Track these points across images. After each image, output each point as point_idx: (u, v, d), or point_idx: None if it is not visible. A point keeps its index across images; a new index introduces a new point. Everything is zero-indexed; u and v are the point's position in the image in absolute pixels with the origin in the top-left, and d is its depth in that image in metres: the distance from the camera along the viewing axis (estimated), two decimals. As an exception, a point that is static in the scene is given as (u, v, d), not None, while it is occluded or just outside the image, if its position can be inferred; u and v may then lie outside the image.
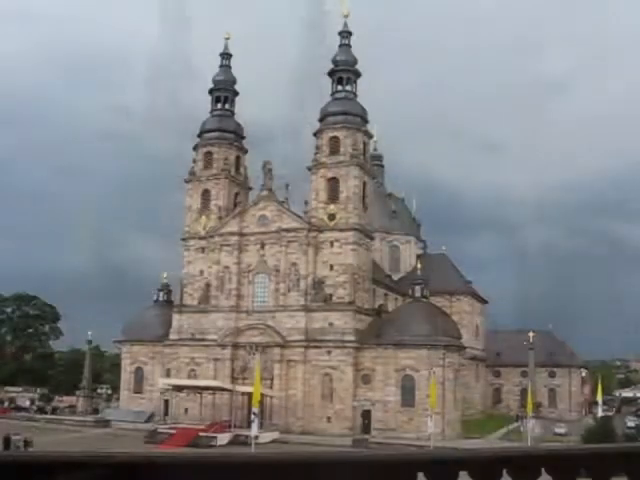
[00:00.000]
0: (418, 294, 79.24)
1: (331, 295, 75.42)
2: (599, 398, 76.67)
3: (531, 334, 75.03)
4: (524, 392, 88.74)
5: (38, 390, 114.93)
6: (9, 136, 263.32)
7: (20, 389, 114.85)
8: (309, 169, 79.28)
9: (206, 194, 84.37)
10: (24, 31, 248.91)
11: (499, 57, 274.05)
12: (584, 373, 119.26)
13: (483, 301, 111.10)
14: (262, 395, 61.08)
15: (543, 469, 3.47)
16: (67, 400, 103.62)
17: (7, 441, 53.19)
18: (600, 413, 69.42)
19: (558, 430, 78.15)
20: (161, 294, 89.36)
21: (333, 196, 77.36)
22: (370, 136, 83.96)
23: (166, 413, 78.86)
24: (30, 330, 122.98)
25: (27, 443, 53.28)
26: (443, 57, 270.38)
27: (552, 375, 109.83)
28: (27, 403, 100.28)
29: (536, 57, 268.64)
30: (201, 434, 64.57)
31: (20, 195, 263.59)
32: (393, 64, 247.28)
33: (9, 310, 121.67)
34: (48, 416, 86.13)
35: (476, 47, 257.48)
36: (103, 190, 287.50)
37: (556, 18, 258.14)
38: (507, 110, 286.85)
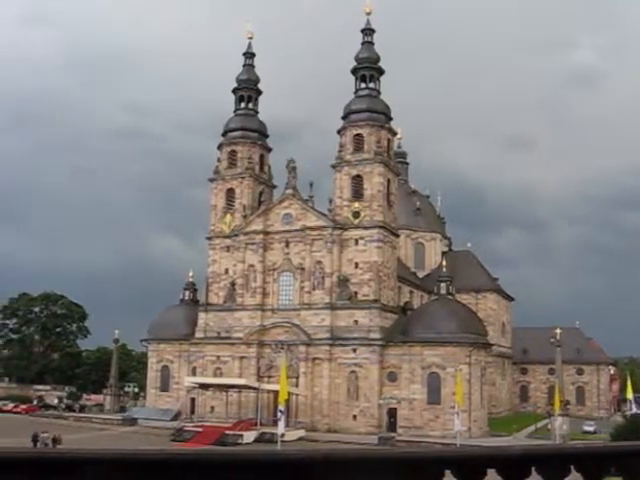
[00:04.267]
0: (444, 291, 78.98)
1: (356, 293, 75.34)
2: (629, 395, 75.67)
3: (558, 331, 74.20)
4: (551, 390, 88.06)
5: (66, 388, 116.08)
6: (30, 137, 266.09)
7: (48, 387, 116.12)
8: (333, 167, 79.18)
9: (231, 193, 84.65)
10: (41, 33, 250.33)
11: (526, 51, 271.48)
12: (612, 370, 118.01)
13: (509, 298, 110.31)
14: (288, 393, 61.13)
15: (572, 467, 3.44)
16: (94, 398, 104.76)
17: (35, 438, 53.72)
18: (632, 411, 68.36)
19: (587, 428, 77.38)
20: (187, 293, 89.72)
21: (357, 194, 77.21)
22: (394, 133, 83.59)
23: (192, 411, 79.21)
24: (58, 329, 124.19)
25: (55, 441, 53.71)
26: (469, 52, 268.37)
27: (580, 372, 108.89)
28: (55, 401, 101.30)
29: (565, 51, 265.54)
30: (227, 432, 64.80)
31: (47, 196, 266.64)
32: (417, 60, 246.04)
33: (37, 309, 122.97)
34: (76, 414, 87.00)
35: (502, 42, 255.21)
36: (128, 190, 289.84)
37: (586, 11, 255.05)
38: (535, 105, 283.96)
